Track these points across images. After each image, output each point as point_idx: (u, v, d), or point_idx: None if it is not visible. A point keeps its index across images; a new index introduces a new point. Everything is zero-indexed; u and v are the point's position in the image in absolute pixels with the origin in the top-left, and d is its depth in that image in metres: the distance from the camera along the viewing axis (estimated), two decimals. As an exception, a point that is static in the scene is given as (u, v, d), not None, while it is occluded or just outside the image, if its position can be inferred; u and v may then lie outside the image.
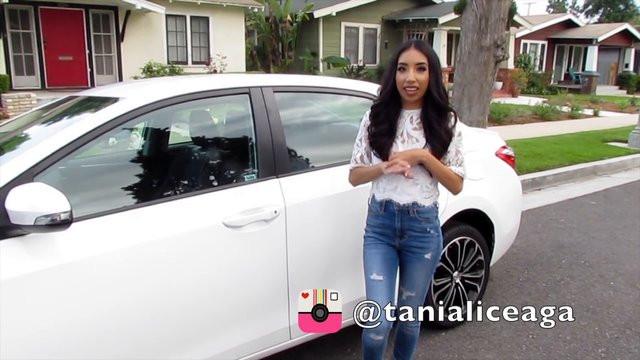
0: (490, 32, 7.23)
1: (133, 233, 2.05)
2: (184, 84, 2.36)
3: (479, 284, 3.36)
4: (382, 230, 2.34)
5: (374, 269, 2.32)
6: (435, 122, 2.21)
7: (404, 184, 2.26)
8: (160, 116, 2.43)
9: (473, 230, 3.25)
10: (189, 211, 2.19)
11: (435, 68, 2.18)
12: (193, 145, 2.74)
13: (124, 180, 2.39)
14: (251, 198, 2.35)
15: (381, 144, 2.25)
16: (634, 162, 9.19)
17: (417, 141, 2.24)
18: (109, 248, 1.98)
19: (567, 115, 14.93)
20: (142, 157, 2.82)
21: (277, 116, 2.52)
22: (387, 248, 2.34)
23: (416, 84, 2.15)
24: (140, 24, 15.03)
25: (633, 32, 27.34)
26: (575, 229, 5.40)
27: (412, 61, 2.15)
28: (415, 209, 2.28)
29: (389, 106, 2.25)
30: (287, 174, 2.49)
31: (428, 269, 2.37)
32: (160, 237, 2.08)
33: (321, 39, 19.28)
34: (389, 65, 2.24)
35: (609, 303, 3.66)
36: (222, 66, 15.71)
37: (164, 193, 2.24)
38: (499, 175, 3.45)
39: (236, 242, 2.27)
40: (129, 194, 2.26)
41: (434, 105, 2.20)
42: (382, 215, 2.32)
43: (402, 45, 2.23)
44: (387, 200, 2.29)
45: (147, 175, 2.45)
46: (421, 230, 2.31)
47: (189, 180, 2.41)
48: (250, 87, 2.51)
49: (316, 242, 2.54)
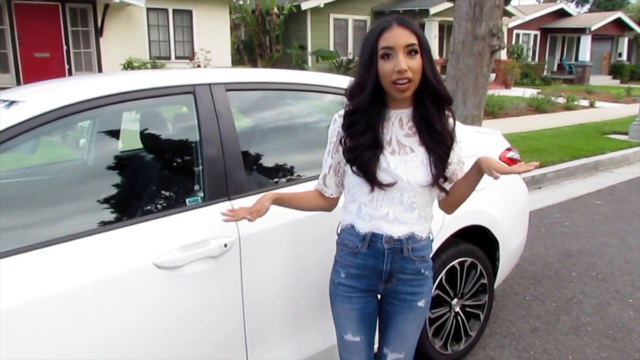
0: (485, 20, 6.72)
1: (29, 284, 1.53)
2: (101, 84, 1.81)
3: (481, 311, 2.86)
4: (361, 273, 1.76)
5: (349, 328, 1.80)
6: (438, 121, 1.67)
7: (398, 208, 1.70)
8: (66, 127, 1.89)
9: (474, 250, 2.76)
10: (109, 251, 1.67)
11: (427, 50, 1.62)
12: (118, 162, 2.16)
13: (23, 212, 1.84)
14: (193, 228, 1.83)
15: (364, 161, 1.67)
16: (636, 155, 8.75)
17: (411, 151, 1.70)
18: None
19: (562, 107, 14.48)
20: (48, 180, 2.25)
21: (229, 121, 2.00)
22: (365, 300, 1.79)
23: (409, 74, 1.57)
24: (120, 18, 14.43)
25: (626, 20, 26.91)
26: (582, 233, 4.92)
27: (399, 43, 1.57)
28: (411, 246, 1.73)
29: (369, 109, 1.66)
30: (243, 194, 1.97)
31: (420, 319, 1.83)
32: (65, 289, 1.56)
33: (309, 31, 18.72)
34: (364, 54, 1.63)
35: (630, 327, 3.18)
36: (206, 61, 15.16)
37: (76, 227, 1.68)
38: (504, 184, 2.94)
39: (172, 288, 1.76)
40: (29, 230, 1.72)
41: (433, 98, 1.65)
42: (363, 254, 1.74)
43: (380, 25, 1.61)
44: (374, 234, 1.72)
45: (53, 205, 1.89)
46: (414, 272, 1.77)
47: (113, 208, 1.88)
48: (195, 84, 1.98)
49: (279, 280, 2.03)
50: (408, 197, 1.69)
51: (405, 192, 1.68)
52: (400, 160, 1.68)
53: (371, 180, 1.67)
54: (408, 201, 1.70)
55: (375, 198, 1.70)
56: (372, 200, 1.71)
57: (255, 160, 2.11)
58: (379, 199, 1.70)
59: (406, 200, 1.69)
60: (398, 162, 1.68)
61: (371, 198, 1.70)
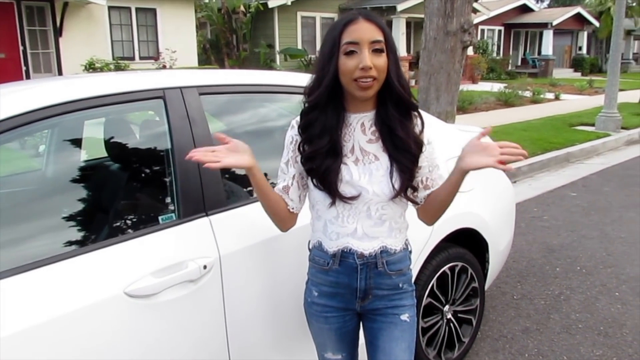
0: (456, 16, 6.66)
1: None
2: (58, 90, 1.60)
3: (473, 316, 2.75)
4: (334, 291, 1.61)
5: (328, 347, 1.67)
6: (400, 127, 1.51)
7: (366, 222, 1.54)
8: (18, 139, 1.67)
9: (465, 253, 2.64)
10: (70, 282, 1.47)
11: (393, 49, 1.48)
12: (80, 178, 1.92)
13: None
14: (168, 250, 1.65)
15: (324, 170, 1.50)
16: (605, 145, 8.89)
17: (375, 159, 1.54)
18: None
19: (530, 100, 14.67)
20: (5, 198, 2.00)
21: (204, 128, 1.82)
22: (342, 319, 1.65)
23: (374, 72, 1.43)
24: (81, 17, 13.91)
25: (585, 15, 27.56)
26: (562, 227, 4.89)
27: (365, 38, 1.42)
28: (385, 260, 1.58)
29: (327, 110, 1.50)
30: (222, 208, 1.79)
31: (408, 336, 1.63)
32: (17, 330, 1.36)
33: (277, 29, 18.48)
34: (325, 48, 1.48)
35: (620, 321, 3.13)
36: (172, 61, 14.77)
37: (30, 256, 1.45)
38: (491, 183, 2.85)
39: (148, 319, 1.57)
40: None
41: (396, 103, 1.50)
42: (335, 271, 1.59)
43: (345, 18, 1.46)
44: (344, 251, 1.57)
45: (8, 228, 1.67)
46: (391, 287, 1.61)
47: (77, 229, 1.68)
48: (165, 88, 1.79)
49: (264, 300, 1.86)
50: (376, 210, 1.54)
51: (372, 204, 1.53)
52: (364, 170, 1.53)
53: (332, 193, 1.51)
54: (376, 214, 1.55)
55: (341, 214, 1.54)
56: (338, 217, 1.55)
57: (234, 171, 1.93)
58: (345, 214, 1.54)
59: (374, 213, 1.54)
60: (362, 172, 1.53)
61: (336, 214, 1.55)
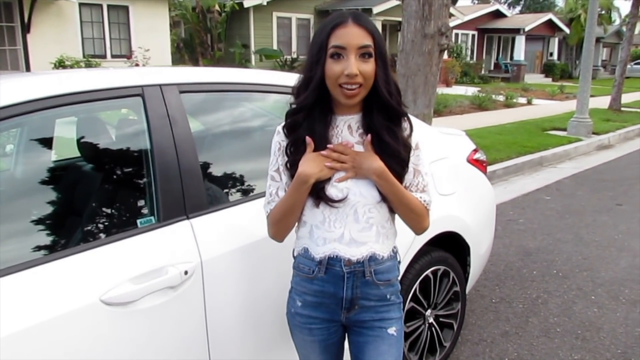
0: (434, 19, 6.66)
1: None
2: (29, 86, 1.51)
3: (455, 320, 2.73)
4: (318, 300, 1.55)
5: (312, 359, 1.63)
6: (387, 132, 1.46)
7: (354, 227, 1.49)
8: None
9: (447, 257, 2.62)
10: (43, 290, 1.39)
11: (382, 54, 1.43)
12: (53, 180, 1.81)
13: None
14: (147, 255, 1.57)
15: None
16: (577, 150, 9.06)
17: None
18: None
19: (503, 104, 14.90)
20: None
21: (185, 127, 1.75)
22: (327, 331, 1.59)
23: (359, 79, 1.38)
24: (50, 14, 13.54)
25: (556, 22, 28.17)
26: (537, 230, 4.94)
27: (352, 43, 1.37)
28: (374, 268, 1.52)
29: (314, 113, 1.46)
30: (203, 211, 1.72)
31: (396, 350, 1.57)
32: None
33: (252, 29, 18.35)
34: (313, 50, 1.44)
35: (597, 325, 3.15)
36: (145, 59, 14.49)
37: (3, 260, 1.38)
38: (473, 186, 2.84)
39: (125, 327, 1.49)
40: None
41: (382, 109, 1.46)
42: (320, 279, 1.52)
43: (334, 20, 1.41)
44: (331, 257, 1.50)
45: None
46: (379, 298, 1.55)
47: (50, 234, 1.59)
48: (144, 85, 1.72)
49: (246, 306, 1.80)
50: (363, 213, 1.49)
51: (359, 207, 1.49)
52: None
53: (318, 195, 1.46)
54: (364, 217, 1.50)
55: (327, 218, 1.49)
56: (324, 221, 1.50)
57: (216, 172, 1.87)
58: (331, 218, 1.49)
59: (361, 216, 1.49)
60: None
61: (322, 219, 1.50)
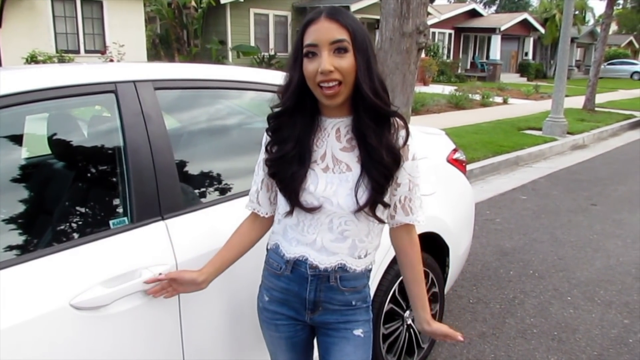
0: (412, 17, 6.65)
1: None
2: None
3: (433, 321, 2.72)
4: (284, 298, 1.53)
5: (279, 356, 1.61)
6: (373, 134, 1.36)
7: (327, 236, 1.43)
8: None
9: (426, 258, 2.60)
10: (9, 292, 1.32)
11: (363, 47, 1.33)
12: (21, 178, 1.68)
13: None
14: (120, 257, 1.51)
15: (287, 176, 1.40)
16: (551, 150, 9.18)
17: (347, 169, 1.41)
18: None
19: (479, 104, 15.06)
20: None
21: (160, 125, 1.68)
22: (293, 329, 1.56)
23: (336, 75, 1.30)
24: (22, 8, 13.22)
25: (532, 21, 28.59)
26: (514, 230, 4.98)
27: (324, 39, 1.30)
28: (339, 275, 1.47)
29: (295, 116, 1.40)
30: (179, 212, 1.67)
31: (363, 352, 1.53)
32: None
33: (229, 26, 18.19)
34: (292, 50, 1.39)
35: (573, 326, 3.18)
36: (120, 55, 14.26)
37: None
38: (453, 186, 2.83)
39: (96, 333, 1.43)
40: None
41: (367, 109, 1.35)
42: (286, 277, 1.50)
43: (308, 17, 1.35)
44: (299, 260, 1.47)
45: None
46: (343, 303, 1.51)
47: (16, 235, 1.50)
48: (117, 82, 1.65)
49: (223, 309, 1.75)
50: (338, 224, 1.43)
51: (335, 217, 1.42)
52: (333, 180, 1.41)
53: (292, 201, 1.41)
54: (338, 229, 1.43)
55: (302, 222, 1.45)
56: (298, 224, 1.45)
57: (193, 171, 1.81)
58: (306, 223, 1.44)
59: (336, 227, 1.43)
60: (330, 182, 1.41)
61: (297, 222, 1.45)
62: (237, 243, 1.57)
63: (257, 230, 1.59)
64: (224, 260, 1.55)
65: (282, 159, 1.41)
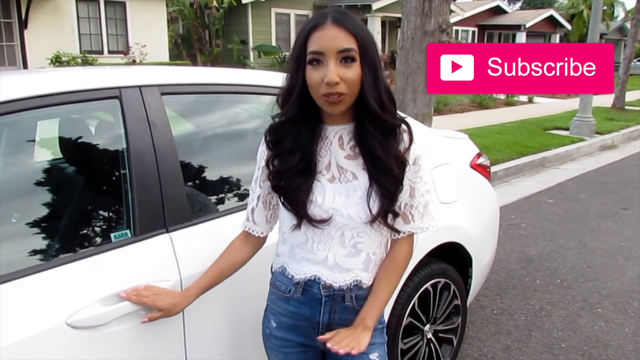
0: (434, 15, 6.54)
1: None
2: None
3: (454, 335, 2.59)
4: (294, 323, 1.42)
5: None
6: (379, 145, 1.29)
7: (339, 251, 1.35)
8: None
9: (448, 269, 2.48)
10: (2, 309, 1.25)
11: (370, 56, 1.25)
12: (14, 190, 1.59)
13: None
14: (120, 273, 1.43)
15: (293, 188, 1.32)
16: (579, 151, 8.92)
17: (354, 177, 1.33)
18: None
19: (503, 103, 14.80)
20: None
21: (166, 133, 1.60)
22: (302, 356, 1.46)
23: (341, 87, 1.22)
24: (47, 10, 13.45)
25: (558, 18, 28.01)
26: (540, 236, 4.80)
27: (331, 48, 1.21)
28: (354, 294, 1.39)
29: (299, 124, 1.31)
30: (184, 224, 1.58)
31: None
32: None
33: (250, 26, 18.19)
34: (293, 56, 1.29)
35: (604, 341, 3.02)
36: (142, 56, 14.39)
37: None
38: (476, 193, 2.70)
39: (94, 353, 1.36)
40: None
41: (373, 120, 1.28)
42: (296, 300, 1.40)
43: (313, 20, 1.26)
44: (310, 281, 1.38)
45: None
46: None
47: (9, 250, 1.43)
48: (121, 87, 1.58)
49: (231, 329, 1.66)
50: (350, 237, 1.36)
51: (346, 230, 1.35)
52: (340, 189, 1.33)
53: (299, 214, 1.32)
54: (350, 242, 1.36)
55: (310, 239, 1.36)
56: (307, 242, 1.36)
57: (200, 181, 1.73)
58: (315, 239, 1.36)
59: (348, 240, 1.36)
60: (338, 192, 1.33)
61: (305, 239, 1.36)
62: (228, 267, 1.47)
63: (249, 251, 1.49)
64: (211, 283, 1.46)
65: (287, 172, 1.32)
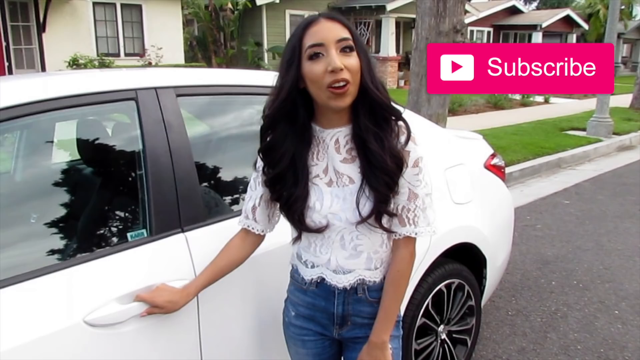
0: (449, 16, 6.53)
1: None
2: (7, 91, 1.40)
3: (468, 336, 2.58)
4: (311, 314, 1.47)
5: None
6: (374, 138, 1.29)
7: (340, 254, 1.38)
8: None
9: (462, 269, 2.47)
10: (20, 309, 1.28)
11: (363, 48, 1.29)
12: (33, 192, 1.67)
13: None
14: (137, 271, 1.46)
15: (289, 196, 1.34)
16: (596, 151, 8.81)
17: (350, 181, 1.34)
18: None
19: (519, 103, 14.66)
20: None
21: (181, 134, 1.63)
22: (321, 345, 1.50)
23: (346, 74, 1.23)
24: (64, 13, 13.65)
25: (574, 17, 27.69)
26: (556, 237, 4.76)
27: (330, 37, 1.24)
28: (366, 286, 1.42)
29: (286, 129, 1.32)
30: (200, 223, 1.60)
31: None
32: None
33: (265, 27, 18.25)
34: (284, 56, 1.30)
35: (621, 343, 2.98)
36: (158, 58, 14.53)
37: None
38: (490, 194, 2.69)
39: (112, 350, 1.38)
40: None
41: (370, 109, 1.29)
42: (313, 292, 1.45)
43: (305, 20, 1.29)
44: (321, 278, 1.43)
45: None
46: (373, 316, 1.43)
47: (28, 249, 1.47)
48: (137, 89, 1.60)
49: (247, 327, 1.68)
50: (350, 240, 1.37)
51: (345, 233, 1.37)
52: (338, 193, 1.34)
53: (296, 226, 1.37)
54: (351, 244, 1.38)
55: (313, 243, 1.40)
56: (310, 246, 1.41)
57: (215, 181, 1.75)
58: (317, 243, 1.40)
59: (348, 243, 1.38)
60: (335, 196, 1.34)
61: (308, 243, 1.41)
62: (226, 265, 1.48)
63: (247, 249, 1.50)
64: (210, 281, 1.47)
65: (282, 177, 1.35)
